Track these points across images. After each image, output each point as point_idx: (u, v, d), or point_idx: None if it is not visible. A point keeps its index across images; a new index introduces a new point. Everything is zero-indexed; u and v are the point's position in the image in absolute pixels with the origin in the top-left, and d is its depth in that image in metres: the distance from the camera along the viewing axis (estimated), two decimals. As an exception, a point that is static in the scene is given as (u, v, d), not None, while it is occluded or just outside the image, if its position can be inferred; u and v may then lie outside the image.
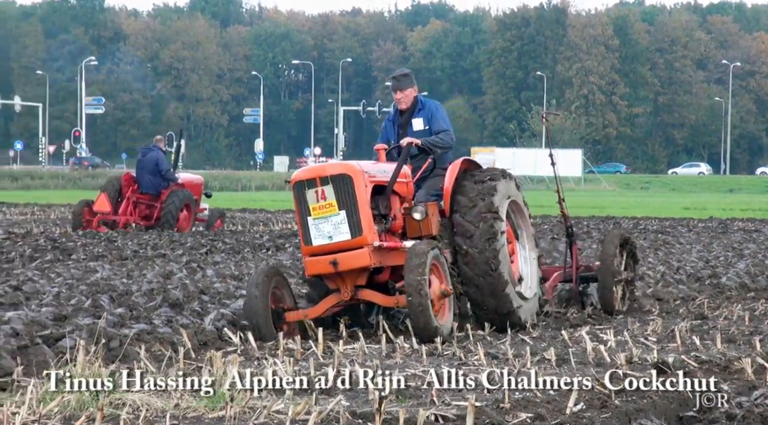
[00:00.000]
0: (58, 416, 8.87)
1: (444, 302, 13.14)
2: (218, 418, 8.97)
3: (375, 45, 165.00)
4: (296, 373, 10.79)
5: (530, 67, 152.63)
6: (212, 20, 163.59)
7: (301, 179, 13.12)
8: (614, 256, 15.58)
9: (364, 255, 12.92)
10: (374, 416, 8.63)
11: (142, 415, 8.95)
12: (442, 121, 14.38)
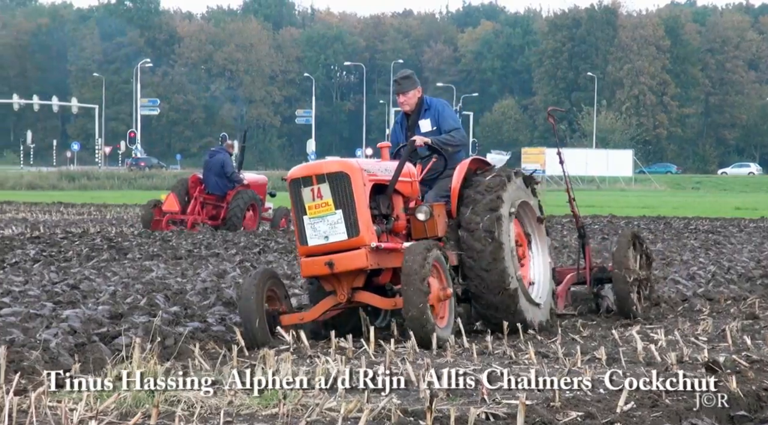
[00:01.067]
0: (115, 413, 8.92)
1: (444, 305, 12.49)
2: (271, 415, 8.99)
3: (426, 47, 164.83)
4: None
5: (581, 68, 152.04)
6: (265, 23, 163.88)
7: (297, 177, 12.53)
8: (628, 255, 14.91)
9: (360, 256, 12.27)
10: (425, 414, 8.63)
11: (196, 412, 8.99)
12: (451, 119, 13.84)
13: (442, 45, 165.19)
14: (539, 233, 14.20)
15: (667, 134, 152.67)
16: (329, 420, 8.72)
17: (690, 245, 28.16)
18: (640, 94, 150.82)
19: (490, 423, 8.67)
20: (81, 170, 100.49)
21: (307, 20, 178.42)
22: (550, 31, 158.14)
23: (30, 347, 11.63)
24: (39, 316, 13.39)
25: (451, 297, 12.51)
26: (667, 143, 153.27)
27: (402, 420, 8.68)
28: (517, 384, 10.43)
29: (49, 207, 46.93)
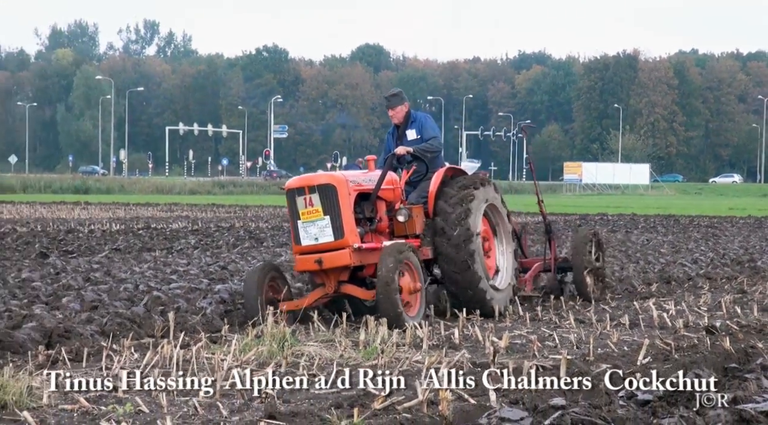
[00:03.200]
0: (254, 362, 8.99)
1: (415, 297, 11.67)
2: (372, 366, 9.01)
3: (490, 85, 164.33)
4: (431, 333, 10.82)
5: (609, 101, 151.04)
6: (367, 67, 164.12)
7: (292, 187, 11.88)
8: (585, 249, 14.15)
9: (345, 255, 11.64)
10: (489, 365, 8.61)
11: (315, 363, 9.03)
12: (431, 129, 12.99)
13: (502, 83, 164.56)
14: (504, 231, 13.36)
15: (675, 152, 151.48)
16: (416, 370, 8.72)
17: (693, 237, 27.91)
18: (655, 121, 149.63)
19: (539, 372, 8.63)
20: (229, 180, 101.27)
21: (399, 64, 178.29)
22: (586, 73, 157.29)
23: (191, 312, 11.76)
24: (198, 289, 13.53)
25: (420, 290, 11.72)
26: (676, 158, 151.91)
27: (472, 370, 8.67)
28: (561, 343, 10.39)
29: (205, 208, 47.33)
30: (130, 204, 50.68)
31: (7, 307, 11.88)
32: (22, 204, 47.96)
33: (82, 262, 17.90)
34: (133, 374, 8.37)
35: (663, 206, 61.32)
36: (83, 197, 63.15)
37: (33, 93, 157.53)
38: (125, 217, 36.32)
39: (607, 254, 18.80)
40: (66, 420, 6.84)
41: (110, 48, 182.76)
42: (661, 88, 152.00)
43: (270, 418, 6.77)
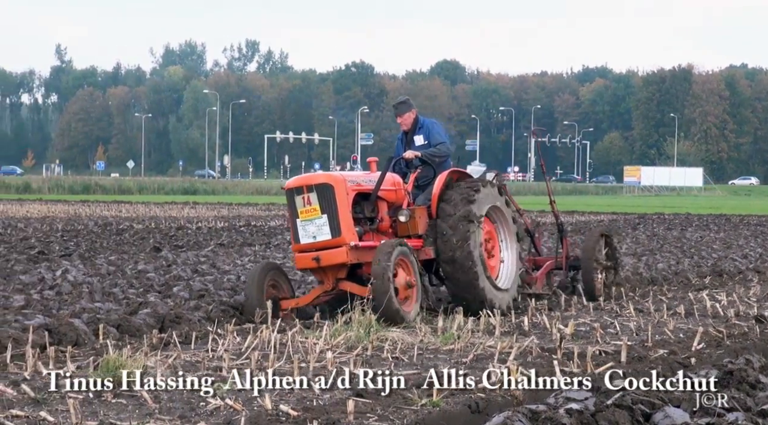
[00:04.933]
0: (343, 346, 9.00)
1: (410, 293, 10.89)
2: (449, 350, 8.99)
3: (556, 96, 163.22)
4: (503, 321, 10.76)
5: (666, 111, 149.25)
6: (445, 81, 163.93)
7: (291, 187, 11.19)
8: (595, 248, 13.30)
9: (342, 253, 10.90)
10: (556, 350, 8.55)
11: (398, 347, 9.03)
12: (438, 135, 12.18)
13: (567, 95, 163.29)
14: (508, 231, 12.31)
15: (727, 157, 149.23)
16: (489, 354, 8.69)
17: (743, 234, 27.46)
18: (707, 129, 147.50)
19: (602, 357, 8.55)
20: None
21: (474, 78, 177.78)
22: (644, 85, 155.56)
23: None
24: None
25: (416, 286, 10.94)
26: (727, 163, 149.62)
27: (540, 355, 8.61)
28: (621, 330, 10.28)
29: (300, 207, 47.45)
30: (232, 204, 51.14)
31: (125, 295, 12.05)
32: (138, 204, 48.64)
33: (191, 255, 18.08)
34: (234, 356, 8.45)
35: (715, 206, 60.44)
36: (191, 198, 63.87)
37: (148, 105, 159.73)
38: (228, 215, 36.65)
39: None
40: (177, 396, 6.90)
41: (216, 65, 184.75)
42: (714, 99, 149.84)
43: (358, 396, 6.78)
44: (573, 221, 34.90)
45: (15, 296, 11.54)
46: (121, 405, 6.74)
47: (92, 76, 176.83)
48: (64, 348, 8.67)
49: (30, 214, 35.40)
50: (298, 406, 6.58)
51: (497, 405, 6.63)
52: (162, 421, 6.36)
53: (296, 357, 8.12)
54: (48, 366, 7.86)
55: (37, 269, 15.02)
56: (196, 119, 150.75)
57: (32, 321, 9.61)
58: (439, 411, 6.55)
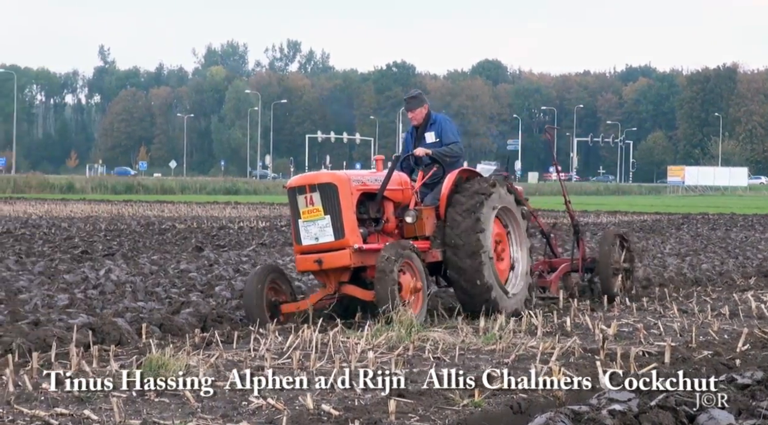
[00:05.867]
0: (385, 346, 9.01)
1: (417, 297, 10.52)
2: (491, 350, 8.97)
3: (599, 95, 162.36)
4: (544, 321, 10.72)
5: (710, 110, 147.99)
6: (487, 80, 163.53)
7: (293, 186, 10.75)
8: (612, 250, 12.97)
9: (345, 256, 10.49)
10: (599, 351, 8.51)
11: (440, 347, 9.02)
12: (451, 134, 11.65)
13: (611, 94, 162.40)
14: (519, 232, 11.86)
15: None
16: (531, 355, 8.66)
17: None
18: (752, 128, 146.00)
19: (645, 358, 8.49)
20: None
21: (516, 78, 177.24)
22: (689, 84, 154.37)
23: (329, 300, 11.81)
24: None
25: (422, 290, 10.56)
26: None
27: (582, 356, 8.57)
28: (665, 331, 10.21)
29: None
30: (274, 204, 51.31)
31: (168, 295, 12.13)
32: (181, 204, 48.93)
33: (233, 255, 18.17)
34: (276, 355, 8.48)
35: (761, 206, 59.80)
36: (233, 198, 64.16)
37: (190, 106, 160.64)
38: (270, 215, 36.77)
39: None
40: (219, 395, 6.94)
41: (258, 65, 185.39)
42: (759, 98, 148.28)
43: (399, 396, 6.78)
44: (616, 221, 34.70)
45: (59, 296, 11.66)
46: (164, 404, 6.79)
47: (135, 76, 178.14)
48: (107, 347, 8.74)
49: (74, 214, 35.73)
50: (340, 406, 6.60)
51: (539, 405, 6.61)
52: (204, 420, 6.40)
53: (338, 356, 8.14)
54: (91, 364, 7.94)
55: (80, 268, 15.16)
56: (238, 119, 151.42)
57: (76, 320, 9.70)
58: (480, 411, 6.54)
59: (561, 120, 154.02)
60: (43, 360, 8.03)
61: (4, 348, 8.44)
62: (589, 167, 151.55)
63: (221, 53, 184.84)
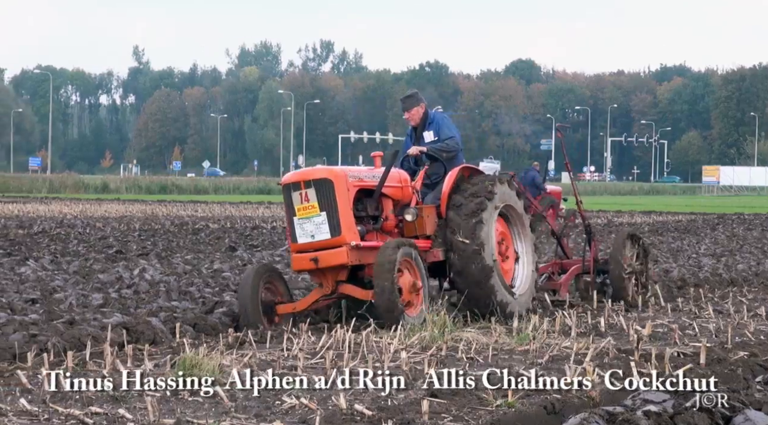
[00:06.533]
0: (418, 346, 9.00)
1: (416, 296, 10.25)
2: (524, 351, 8.94)
3: (633, 95, 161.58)
4: (578, 321, 10.68)
5: (746, 109, 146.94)
6: (520, 80, 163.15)
7: (288, 182, 10.44)
8: (624, 251, 12.58)
9: (341, 254, 10.14)
10: (634, 352, 8.46)
11: (473, 347, 9.00)
12: (447, 129, 11.34)
13: (645, 94, 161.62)
14: (524, 233, 11.51)
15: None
16: (565, 355, 8.62)
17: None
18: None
19: (680, 359, 8.44)
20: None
21: (549, 77, 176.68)
22: (724, 84, 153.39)
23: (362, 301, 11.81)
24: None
25: (422, 289, 10.27)
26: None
27: (617, 356, 8.52)
28: (700, 332, 10.14)
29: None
30: (307, 204, 51.27)
31: (202, 294, 12.18)
32: (214, 204, 49.12)
33: (266, 255, 18.22)
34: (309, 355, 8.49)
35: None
36: (266, 198, 64.35)
37: (224, 106, 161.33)
38: (303, 215, 36.73)
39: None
40: (252, 395, 6.96)
41: (291, 65, 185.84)
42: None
43: (432, 396, 6.77)
44: (650, 222, 34.51)
45: (94, 295, 11.73)
46: (198, 403, 6.81)
47: (169, 77, 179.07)
48: (141, 346, 8.78)
49: (108, 213, 35.96)
50: (373, 406, 6.60)
51: (573, 406, 6.58)
52: (238, 419, 6.41)
53: (371, 356, 8.14)
54: (126, 363, 7.98)
55: (115, 268, 15.25)
56: (271, 119, 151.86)
57: (110, 319, 9.76)
58: (514, 411, 6.52)
59: (595, 120, 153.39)
60: (77, 359, 8.08)
61: (39, 346, 8.50)
62: (623, 166, 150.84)
63: (254, 54, 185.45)
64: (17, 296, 11.70)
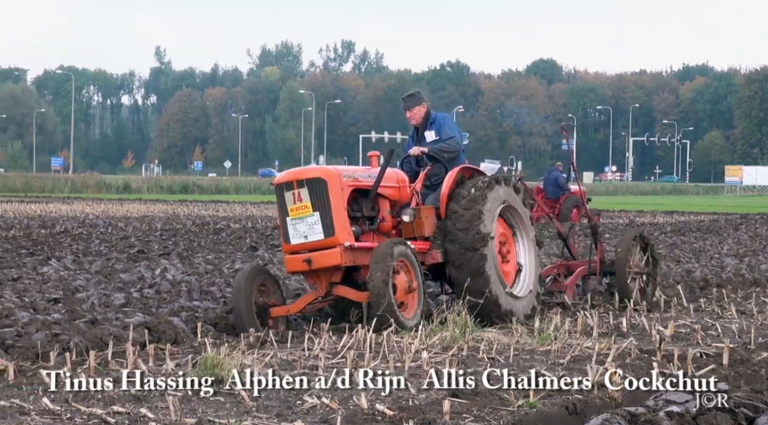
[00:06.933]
0: (438, 346, 8.99)
1: (412, 297, 10.03)
2: (546, 351, 8.92)
3: (655, 95, 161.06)
4: (600, 321, 10.64)
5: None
6: (541, 80, 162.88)
7: (281, 182, 10.22)
8: (630, 252, 12.32)
9: (335, 254, 9.92)
10: (656, 352, 8.43)
11: (494, 347, 8.99)
12: (449, 129, 11.18)
13: (667, 94, 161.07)
14: (525, 233, 11.31)
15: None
16: (587, 355, 8.60)
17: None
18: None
19: (703, 359, 8.40)
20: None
21: (571, 77, 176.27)
22: (747, 83, 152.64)
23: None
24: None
25: (417, 290, 10.03)
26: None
27: (639, 356, 8.49)
28: (723, 332, 10.09)
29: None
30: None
31: (223, 294, 12.21)
32: (235, 203, 49.22)
33: (287, 255, 18.20)
34: (330, 355, 8.49)
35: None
36: (288, 198, 64.21)
37: (245, 106, 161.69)
38: (324, 215, 36.75)
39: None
40: (273, 395, 6.97)
41: (312, 65, 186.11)
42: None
43: (453, 396, 6.76)
44: (673, 222, 34.38)
45: (116, 295, 11.78)
46: (219, 403, 6.83)
47: (190, 77, 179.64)
48: (163, 346, 8.81)
49: (130, 213, 36.09)
50: (394, 406, 6.60)
51: (595, 407, 6.56)
52: (259, 419, 6.42)
53: (392, 356, 8.14)
54: (148, 363, 8.00)
55: (136, 267, 15.30)
56: (292, 119, 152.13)
57: (132, 318, 9.79)
58: (535, 412, 6.51)
59: (617, 120, 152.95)
60: (100, 358, 8.11)
61: (62, 346, 8.54)
62: (644, 166, 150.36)
63: (275, 54, 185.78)
64: (40, 295, 11.76)
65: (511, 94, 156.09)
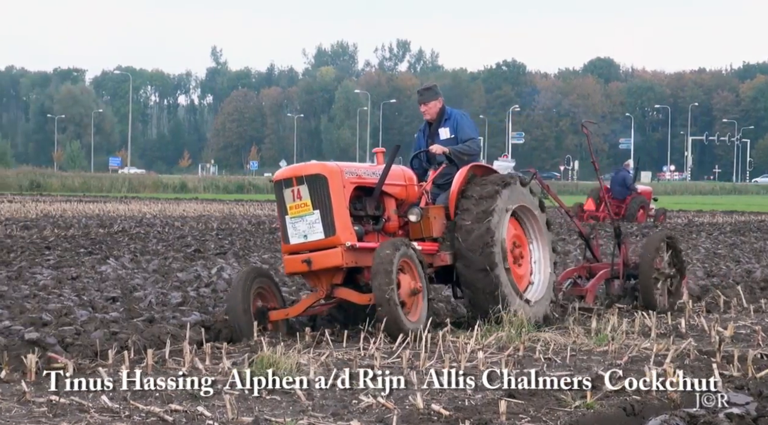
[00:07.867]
0: (494, 346, 8.98)
1: (416, 300, 9.58)
2: (603, 352, 8.88)
3: (715, 93, 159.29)
4: (658, 322, 10.56)
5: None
6: (598, 79, 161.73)
7: (280, 179, 9.75)
8: (655, 255, 11.82)
9: (336, 255, 9.46)
10: (715, 353, 8.35)
11: (551, 348, 8.96)
12: (468, 129, 10.73)
13: (727, 92, 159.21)
14: (540, 236, 10.83)
15: None
16: (644, 356, 8.54)
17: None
18: None
19: (763, 361, 8.30)
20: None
21: (628, 76, 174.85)
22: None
23: (436, 300, 11.82)
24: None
25: (422, 292, 9.59)
26: None
27: (698, 357, 8.42)
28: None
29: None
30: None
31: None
32: (291, 203, 49.31)
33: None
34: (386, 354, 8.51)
35: None
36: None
37: (300, 106, 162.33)
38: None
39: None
40: (329, 394, 6.99)
41: (367, 65, 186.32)
42: None
43: (510, 397, 6.75)
44: (732, 222, 33.99)
45: (173, 294, 11.89)
46: (275, 402, 6.87)
47: (246, 77, 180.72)
48: (219, 345, 8.88)
49: (186, 213, 36.40)
50: (450, 406, 6.60)
51: (653, 408, 6.51)
52: (315, 418, 6.45)
53: (447, 356, 8.14)
54: (204, 362, 8.07)
55: (193, 267, 15.43)
56: (347, 119, 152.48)
57: (189, 317, 9.88)
58: (593, 413, 6.47)
59: (675, 118, 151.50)
60: (157, 357, 8.19)
61: (120, 344, 8.64)
62: (703, 166, 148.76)
63: (331, 53, 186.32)
64: (98, 294, 11.91)
65: (568, 93, 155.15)
